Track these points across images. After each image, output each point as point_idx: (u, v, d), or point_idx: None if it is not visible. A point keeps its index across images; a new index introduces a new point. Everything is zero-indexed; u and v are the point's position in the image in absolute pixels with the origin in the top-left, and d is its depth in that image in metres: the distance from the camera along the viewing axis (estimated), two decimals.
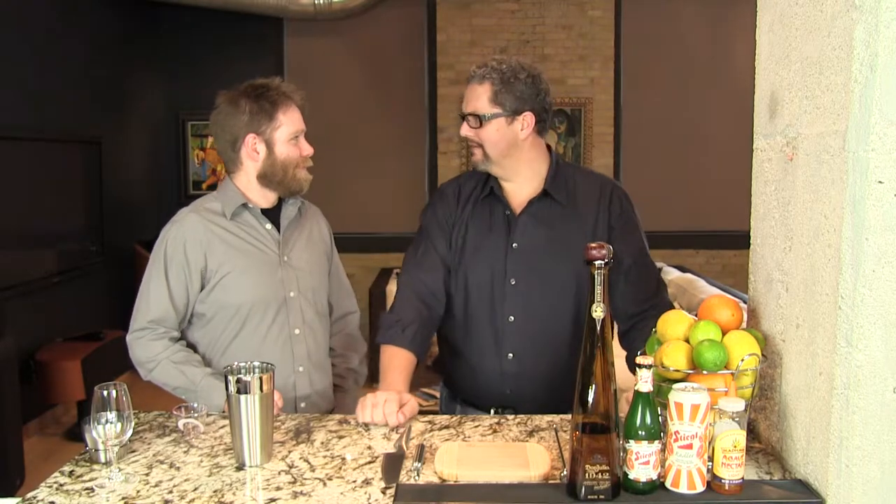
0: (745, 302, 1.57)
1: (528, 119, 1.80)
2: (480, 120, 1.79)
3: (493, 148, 1.80)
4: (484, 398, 1.87)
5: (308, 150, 1.95)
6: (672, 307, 1.83)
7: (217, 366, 1.89)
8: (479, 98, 1.79)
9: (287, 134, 1.90)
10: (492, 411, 1.85)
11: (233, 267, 1.88)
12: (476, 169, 1.86)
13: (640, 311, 1.81)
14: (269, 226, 1.95)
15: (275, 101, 1.88)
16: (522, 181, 1.85)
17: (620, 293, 1.82)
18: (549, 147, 1.90)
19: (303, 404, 1.92)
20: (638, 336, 1.76)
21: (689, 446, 1.18)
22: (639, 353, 1.31)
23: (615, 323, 1.87)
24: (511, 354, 1.82)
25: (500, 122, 1.79)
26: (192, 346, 1.94)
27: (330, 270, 2.11)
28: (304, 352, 1.95)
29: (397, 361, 1.76)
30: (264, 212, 1.95)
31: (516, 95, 1.78)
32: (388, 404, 1.55)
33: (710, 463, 1.21)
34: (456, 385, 1.95)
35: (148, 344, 1.86)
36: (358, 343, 2.18)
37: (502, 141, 1.80)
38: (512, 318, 1.82)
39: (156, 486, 1.28)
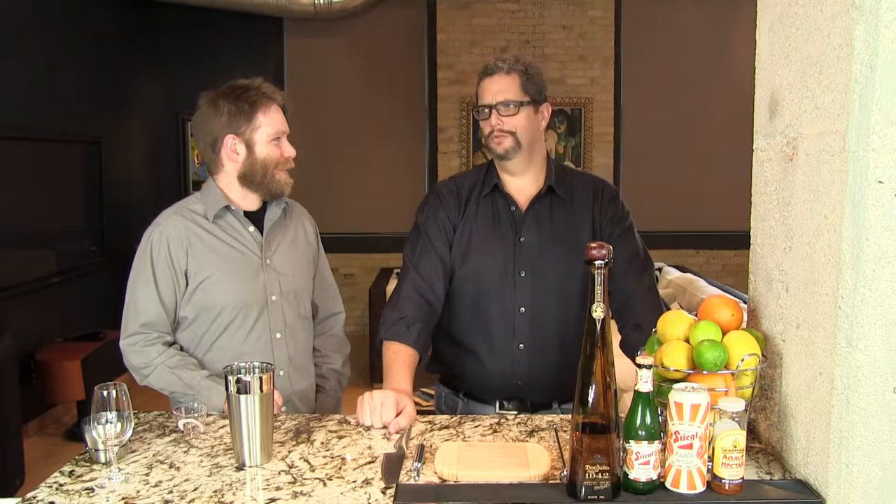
0: (745, 302, 1.57)
1: (546, 112, 1.90)
2: (517, 107, 1.83)
3: (524, 135, 1.84)
4: (492, 392, 1.89)
5: (289, 151, 1.92)
6: (657, 292, 1.93)
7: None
8: (511, 87, 1.84)
9: (267, 135, 1.88)
10: (497, 404, 1.88)
11: (213, 270, 1.87)
12: (503, 159, 1.86)
13: (624, 286, 1.83)
14: (251, 228, 1.94)
15: (254, 102, 1.87)
16: (530, 177, 1.91)
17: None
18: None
19: (284, 408, 1.89)
20: (624, 313, 1.83)
21: (689, 446, 1.18)
22: (639, 352, 1.31)
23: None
24: (522, 345, 1.85)
25: (529, 111, 1.85)
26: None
27: (315, 271, 2.09)
28: (284, 355, 1.94)
29: (402, 358, 1.75)
30: (248, 214, 1.94)
31: (538, 87, 1.87)
32: (386, 409, 1.55)
33: (710, 463, 1.21)
34: (460, 382, 1.95)
35: (142, 350, 1.85)
36: (343, 344, 2.15)
37: (530, 130, 1.86)
38: (523, 309, 1.85)
39: (156, 486, 1.28)
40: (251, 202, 1.95)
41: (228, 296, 1.87)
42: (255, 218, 1.95)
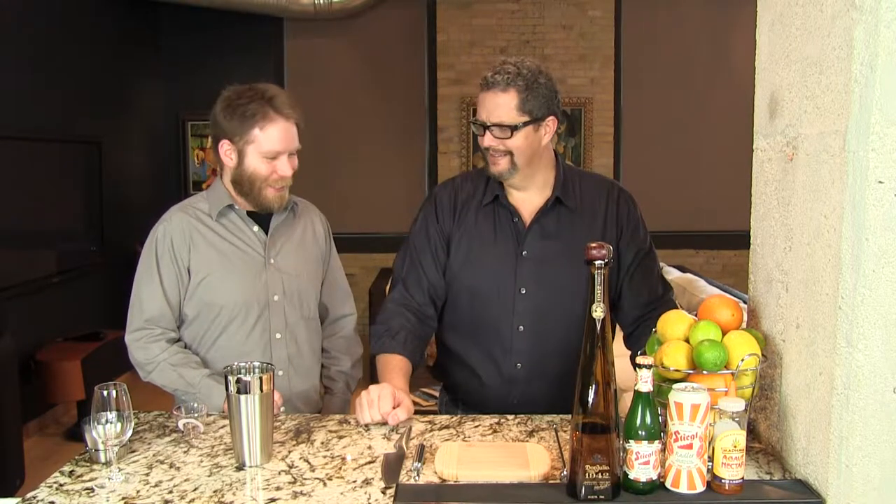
0: (745, 302, 1.56)
1: (551, 124, 1.77)
2: (511, 130, 1.71)
3: (521, 156, 1.74)
4: (489, 405, 1.82)
5: (284, 171, 1.85)
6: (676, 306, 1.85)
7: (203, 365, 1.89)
8: (506, 106, 1.71)
9: (260, 152, 1.83)
10: None
11: (214, 268, 1.87)
12: (499, 179, 1.78)
13: (645, 313, 1.81)
14: (255, 228, 1.93)
15: (254, 115, 1.81)
16: (535, 189, 1.81)
17: (625, 293, 1.83)
18: (554, 151, 1.88)
19: (283, 408, 1.88)
20: (642, 338, 1.75)
21: (689, 446, 1.18)
22: (639, 353, 1.31)
23: (619, 325, 1.87)
24: (519, 364, 1.79)
25: (528, 131, 1.73)
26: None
27: (326, 271, 2.07)
28: (284, 356, 1.93)
29: (392, 364, 1.74)
30: (253, 213, 1.93)
31: (540, 101, 1.73)
32: (383, 401, 1.55)
33: (710, 463, 1.21)
34: (459, 391, 1.93)
35: (146, 346, 1.86)
36: (353, 346, 2.13)
37: (529, 149, 1.74)
38: (521, 327, 1.79)
39: (156, 486, 1.28)
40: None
41: (229, 294, 1.87)
42: (260, 217, 1.94)
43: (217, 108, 1.87)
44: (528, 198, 1.82)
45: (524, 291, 1.78)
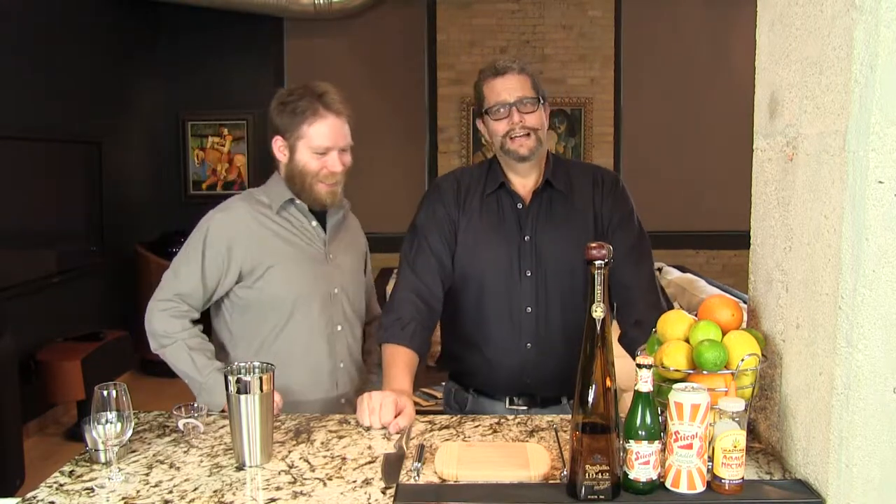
0: (745, 302, 1.57)
1: (548, 110, 1.91)
2: (536, 104, 1.83)
3: (542, 133, 1.85)
4: (502, 389, 1.89)
5: (334, 166, 1.89)
6: (656, 285, 1.91)
7: (264, 358, 1.88)
8: (526, 85, 1.84)
9: (310, 147, 1.88)
10: (507, 400, 1.89)
11: (279, 259, 1.88)
12: (526, 160, 1.84)
13: (622, 276, 1.82)
14: (314, 223, 1.96)
15: (304, 111, 1.86)
16: (534, 175, 1.90)
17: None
18: None
19: (342, 400, 1.92)
20: (628, 314, 1.82)
21: (689, 446, 1.18)
22: (639, 352, 1.31)
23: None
24: (529, 344, 1.85)
25: (542, 109, 1.87)
26: (231, 338, 1.94)
27: (365, 272, 2.15)
28: (345, 348, 1.97)
29: (399, 358, 1.76)
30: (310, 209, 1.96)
31: (542, 88, 1.89)
32: (385, 409, 1.55)
33: (711, 463, 1.21)
34: (469, 378, 1.95)
35: (169, 319, 1.86)
36: None
37: (543, 128, 1.87)
38: (529, 308, 1.84)
39: (156, 486, 1.28)
40: None
41: (294, 286, 1.89)
42: (318, 213, 1.97)
43: (271, 105, 1.92)
44: (527, 184, 1.90)
45: (529, 274, 1.85)
